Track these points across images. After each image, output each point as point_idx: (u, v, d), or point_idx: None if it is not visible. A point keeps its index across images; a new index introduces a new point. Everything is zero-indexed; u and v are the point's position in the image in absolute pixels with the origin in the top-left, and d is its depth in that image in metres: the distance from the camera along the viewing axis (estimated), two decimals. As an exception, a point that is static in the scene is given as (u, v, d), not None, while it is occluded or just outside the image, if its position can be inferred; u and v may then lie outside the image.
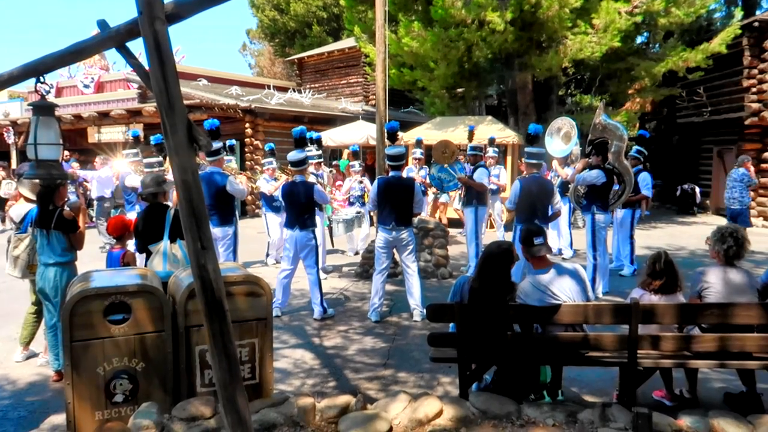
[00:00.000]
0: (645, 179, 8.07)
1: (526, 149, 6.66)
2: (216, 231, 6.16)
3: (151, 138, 7.95)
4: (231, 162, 8.99)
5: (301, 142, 6.52)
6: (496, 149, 10.06)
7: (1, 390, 4.28)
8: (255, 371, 3.60)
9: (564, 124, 7.79)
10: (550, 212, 6.44)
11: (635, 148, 8.38)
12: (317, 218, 7.98)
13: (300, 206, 6.07)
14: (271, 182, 8.67)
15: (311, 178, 7.99)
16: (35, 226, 4.36)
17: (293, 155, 6.21)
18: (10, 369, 4.69)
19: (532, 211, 6.27)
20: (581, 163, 7.20)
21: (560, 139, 7.81)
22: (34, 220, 4.39)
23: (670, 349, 3.53)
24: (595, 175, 6.74)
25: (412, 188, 6.00)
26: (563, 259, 8.98)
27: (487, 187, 8.02)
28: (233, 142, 9.02)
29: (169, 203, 5.00)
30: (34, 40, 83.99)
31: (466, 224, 8.17)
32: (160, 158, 7.37)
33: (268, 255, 9.01)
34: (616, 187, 7.10)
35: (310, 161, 8.38)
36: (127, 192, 8.19)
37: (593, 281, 6.78)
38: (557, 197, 6.40)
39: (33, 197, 4.73)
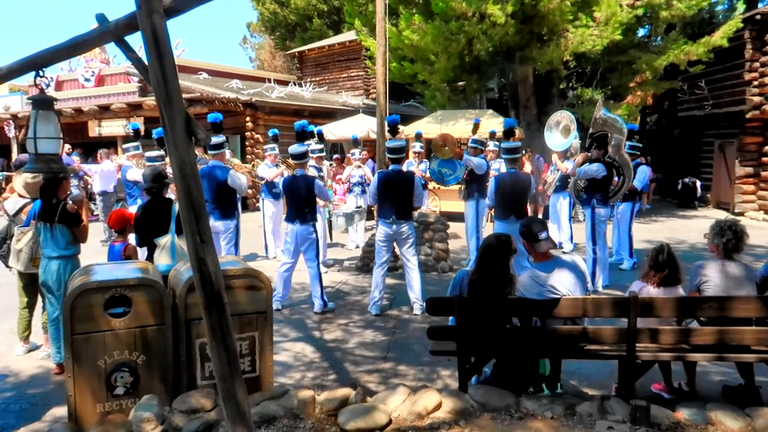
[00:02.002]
0: (642, 173, 8.07)
1: (502, 144, 6.63)
2: (218, 225, 6.19)
3: (153, 132, 7.95)
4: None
5: (302, 136, 6.52)
6: (497, 143, 10.04)
7: (3, 383, 4.31)
8: (255, 364, 3.62)
9: (563, 117, 7.78)
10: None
11: (627, 143, 8.37)
12: (318, 213, 8.01)
13: (301, 200, 6.07)
14: (272, 168, 8.68)
15: (312, 172, 8.00)
16: (39, 219, 4.37)
17: (294, 148, 6.21)
18: (11, 362, 4.71)
19: (510, 207, 6.25)
20: (581, 156, 7.20)
21: (560, 132, 7.80)
22: (37, 214, 4.40)
23: (668, 343, 3.54)
24: (596, 169, 6.74)
25: (412, 182, 5.99)
26: (563, 252, 8.99)
27: (483, 174, 8.01)
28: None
29: (172, 197, 5.00)
30: (33, 35, 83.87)
31: (466, 218, 8.17)
32: (162, 152, 7.38)
33: (266, 247, 9.02)
34: (616, 179, 7.09)
35: (311, 155, 8.40)
36: (129, 186, 8.18)
37: (593, 275, 6.79)
38: (534, 191, 6.38)
39: (24, 193, 4.74)
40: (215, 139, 6.31)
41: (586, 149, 7.38)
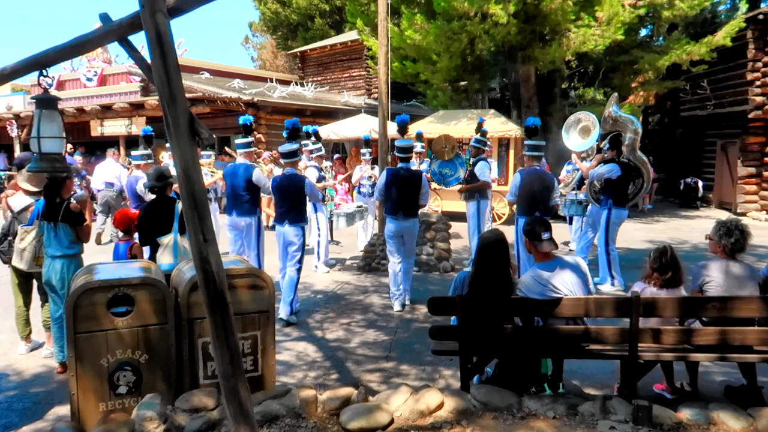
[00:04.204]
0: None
1: (526, 142, 6.67)
2: (239, 221, 6.23)
3: (141, 130, 7.77)
4: (210, 158, 8.93)
5: (293, 134, 6.41)
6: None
7: (6, 381, 4.32)
8: (257, 363, 3.62)
9: (582, 118, 7.72)
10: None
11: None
12: (320, 213, 8.01)
13: (290, 200, 5.89)
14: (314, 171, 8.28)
15: (313, 171, 8.00)
16: (42, 219, 4.38)
17: (285, 146, 6.09)
18: (14, 360, 4.73)
19: (533, 203, 6.28)
20: (596, 158, 7.16)
21: (577, 133, 7.76)
22: (40, 213, 4.41)
23: (670, 343, 3.54)
24: (609, 169, 6.70)
25: (420, 180, 6.15)
26: (570, 251, 9.07)
27: (487, 183, 8.04)
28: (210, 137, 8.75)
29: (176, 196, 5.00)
30: (35, 35, 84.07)
31: (468, 218, 8.18)
32: (149, 150, 7.24)
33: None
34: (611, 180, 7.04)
35: (312, 155, 8.38)
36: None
37: (611, 275, 6.79)
38: (557, 190, 6.41)
39: (31, 188, 4.75)
40: (243, 140, 6.43)
41: (598, 150, 7.36)
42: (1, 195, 5.51)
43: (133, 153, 7.34)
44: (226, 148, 7.95)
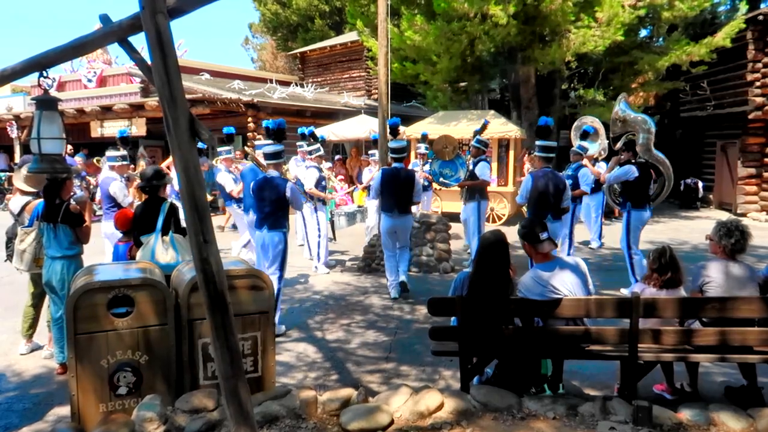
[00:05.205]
0: (585, 175, 8.07)
1: (537, 143, 6.57)
2: None
3: (117, 131, 7.55)
4: (231, 153, 8.87)
5: (279, 134, 6.19)
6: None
7: (6, 382, 4.32)
8: (257, 364, 3.63)
9: (588, 121, 7.75)
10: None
11: (577, 144, 8.39)
12: (320, 213, 8.01)
13: (270, 204, 5.58)
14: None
15: (313, 172, 7.99)
16: (42, 220, 4.38)
17: (268, 148, 5.81)
18: (14, 361, 4.73)
19: (544, 205, 6.18)
20: (612, 160, 7.15)
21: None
22: (40, 214, 4.41)
23: (670, 343, 3.54)
24: (626, 170, 6.64)
25: (413, 179, 6.55)
26: (590, 248, 9.32)
27: (487, 182, 8.05)
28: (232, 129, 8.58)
29: (172, 199, 4.99)
30: (37, 34, 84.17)
31: (467, 219, 8.19)
32: (124, 152, 7.00)
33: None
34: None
35: (309, 156, 8.35)
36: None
37: (635, 278, 6.73)
38: (568, 192, 6.34)
39: (28, 189, 4.75)
40: (265, 142, 6.78)
41: (615, 153, 7.38)
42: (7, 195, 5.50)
43: (108, 154, 6.97)
44: (246, 148, 8.01)
